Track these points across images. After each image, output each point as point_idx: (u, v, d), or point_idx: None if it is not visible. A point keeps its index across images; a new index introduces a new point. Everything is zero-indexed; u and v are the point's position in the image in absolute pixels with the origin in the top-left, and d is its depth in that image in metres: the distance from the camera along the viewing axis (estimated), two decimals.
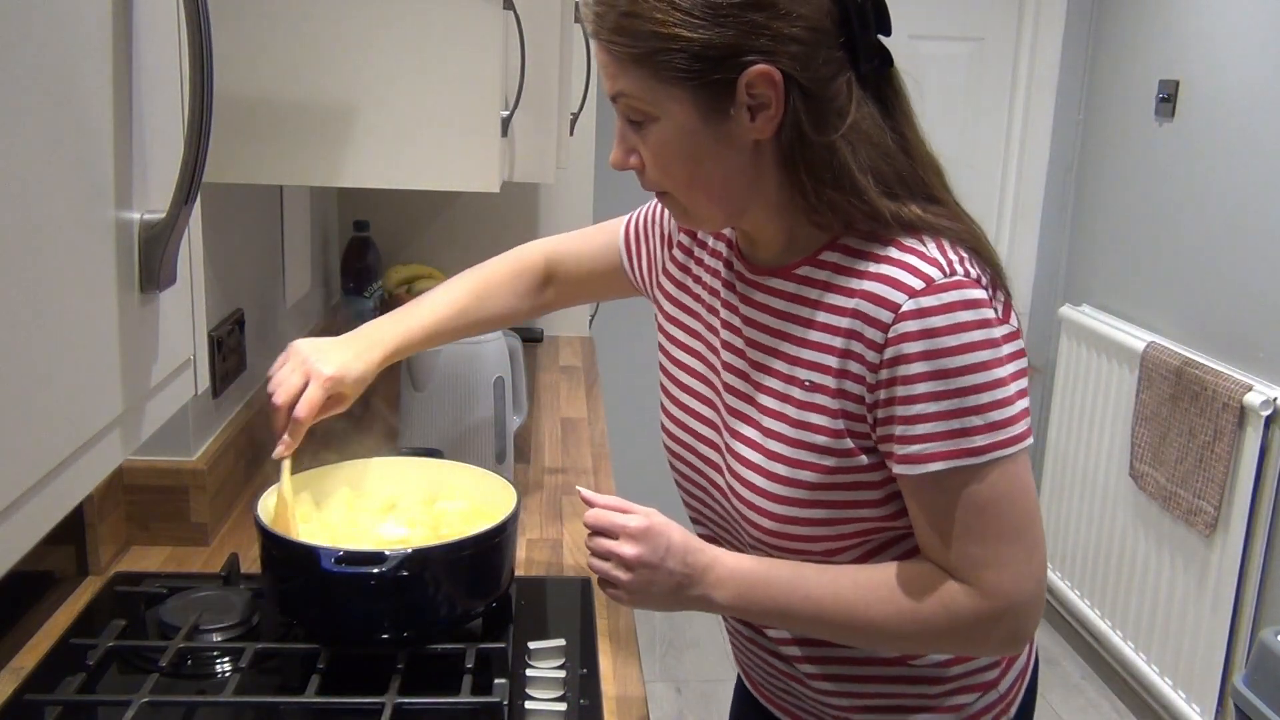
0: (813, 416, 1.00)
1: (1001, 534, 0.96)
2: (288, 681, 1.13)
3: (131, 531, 1.47)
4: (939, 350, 0.93)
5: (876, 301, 0.95)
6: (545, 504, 1.70)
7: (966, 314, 0.93)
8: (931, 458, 0.95)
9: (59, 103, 0.58)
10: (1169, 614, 2.76)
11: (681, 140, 0.97)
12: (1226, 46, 2.71)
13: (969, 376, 0.93)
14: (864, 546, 1.04)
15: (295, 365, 1.23)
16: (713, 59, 0.92)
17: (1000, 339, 0.95)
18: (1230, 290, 2.67)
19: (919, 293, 0.94)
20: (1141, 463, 2.85)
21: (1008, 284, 1.00)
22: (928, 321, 0.93)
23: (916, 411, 0.94)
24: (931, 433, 0.94)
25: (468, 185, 1.41)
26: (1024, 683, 1.18)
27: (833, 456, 1.00)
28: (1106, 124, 3.28)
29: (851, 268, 0.98)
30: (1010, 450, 0.95)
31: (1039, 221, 3.49)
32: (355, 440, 1.42)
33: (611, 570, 1.03)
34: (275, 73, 1.34)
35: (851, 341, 0.97)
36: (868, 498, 1.01)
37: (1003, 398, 0.94)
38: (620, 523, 1.02)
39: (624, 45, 0.95)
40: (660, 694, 3.01)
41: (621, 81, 0.97)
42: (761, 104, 0.94)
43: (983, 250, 0.99)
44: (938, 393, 0.93)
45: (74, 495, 0.63)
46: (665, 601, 1.04)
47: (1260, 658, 2.07)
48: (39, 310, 0.57)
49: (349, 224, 2.44)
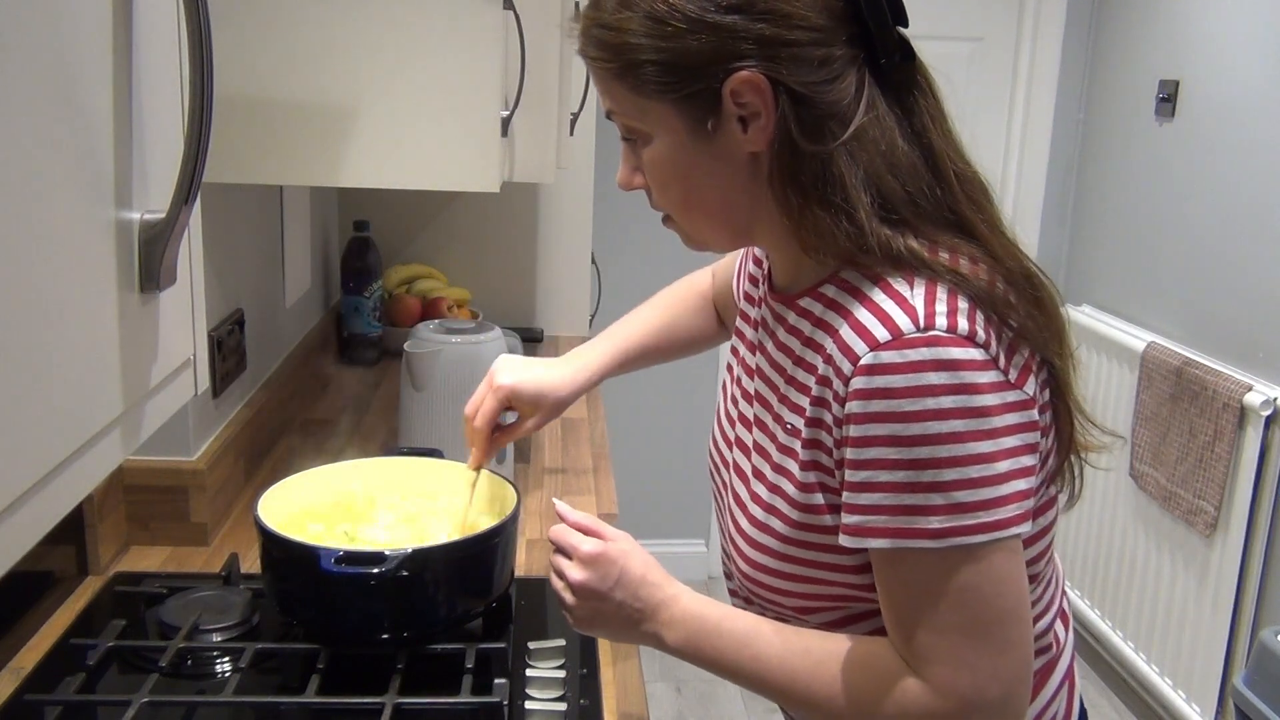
0: (788, 462, 0.92)
1: (963, 628, 0.84)
2: (288, 681, 1.13)
3: (131, 531, 1.47)
4: (895, 414, 0.81)
5: (844, 350, 0.85)
6: (545, 504, 1.70)
7: (936, 376, 0.80)
8: (875, 533, 0.84)
9: (59, 102, 0.58)
10: (1169, 614, 2.76)
11: (674, 156, 0.91)
12: (1226, 46, 2.71)
13: (930, 448, 0.80)
14: (840, 612, 0.95)
15: (487, 377, 1.23)
16: (689, 68, 0.86)
17: (994, 408, 0.81)
18: (1230, 290, 2.67)
19: (882, 345, 0.82)
20: (1141, 463, 2.85)
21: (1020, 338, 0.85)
22: (887, 380, 0.81)
23: (863, 478, 0.83)
24: (878, 505, 0.83)
25: (468, 185, 1.41)
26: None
27: (798, 510, 0.91)
28: (1107, 124, 3.28)
29: (842, 305, 0.88)
30: (981, 538, 0.81)
31: (1039, 221, 3.49)
32: (356, 440, 1.42)
33: (560, 591, 0.99)
34: (275, 73, 1.34)
35: (824, 389, 0.88)
36: (839, 561, 0.91)
37: (979, 476, 0.81)
38: (573, 543, 0.98)
39: (603, 61, 0.90)
40: (660, 694, 3.01)
41: (609, 99, 0.93)
42: (752, 113, 0.87)
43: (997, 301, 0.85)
44: (889, 460, 0.82)
45: (74, 495, 0.63)
46: (615, 633, 0.99)
47: (1260, 658, 2.07)
48: (39, 310, 0.57)
49: (349, 224, 2.44)
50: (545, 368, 1.23)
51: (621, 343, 1.29)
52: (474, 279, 2.64)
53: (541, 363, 1.25)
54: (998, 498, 0.81)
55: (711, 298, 1.33)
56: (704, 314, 1.33)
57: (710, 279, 1.34)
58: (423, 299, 2.49)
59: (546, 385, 1.22)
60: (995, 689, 0.84)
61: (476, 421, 1.21)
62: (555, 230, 2.66)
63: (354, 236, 2.38)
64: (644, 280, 1.87)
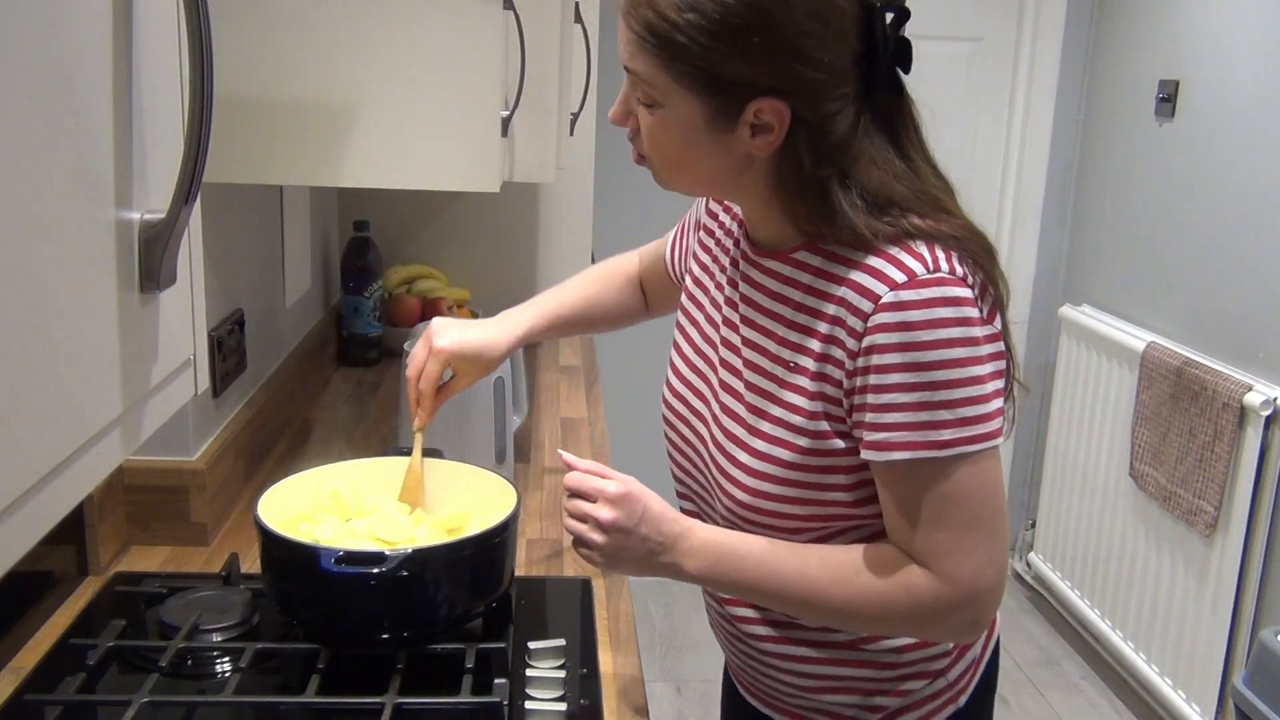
0: (793, 397, 1.04)
1: (966, 524, 0.99)
2: (288, 681, 1.13)
3: (131, 531, 1.47)
4: (914, 344, 0.95)
5: (860, 291, 0.98)
6: (545, 504, 1.70)
7: (945, 310, 0.95)
8: (898, 446, 0.97)
9: (59, 102, 0.58)
10: (1169, 614, 2.76)
11: (680, 132, 0.99)
12: (1226, 46, 2.71)
13: (941, 371, 0.95)
14: (827, 530, 1.07)
15: (422, 341, 1.35)
16: (726, 82, 0.95)
17: (981, 338, 0.97)
18: (1230, 290, 2.67)
19: (900, 286, 0.96)
20: (1141, 463, 2.85)
21: (1004, 293, 1.02)
22: (906, 315, 0.95)
23: (887, 401, 0.97)
24: (899, 422, 0.97)
25: (468, 185, 1.41)
26: (975, 674, 1.20)
27: (806, 437, 1.03)
28: (1106, 124, 3.28)
29: (844, 256, 1.01)
30: (977, 447, 0.97)
31: (1039, 221, 3.49)
32: (356, 440, 1.42)
33: (587, 532, 1.05)
34: (275, 73, 1.34)
35: (835, 328, 1.00)
36: (838, 482, 1.04)
37: (977, 395, 0.96)
38: (599, 486, 1.05)
39: (643, 36, 0.96)
40: (660, 694, 3.01)
41: (638, 63, 0.98)
42: (764, 127, 0.97)
43: (981, 258, 1.00)
44: (909, 384, 0.96)
45: (74, 495, 0.63)
46: (636, 566, 1.07)
47: (1260, 658, 2.07)
48: (39, 310, 0.57)
49: (349, 224, 2.44)
50: (480, 329, 1.37)
51: (550, 308, 1.43)
52: (474, 279, 2.64)
53: (475, 324, 1.38)
54: (988, 413, 0.97)
55: (639, 277, 1.46)
56: (628, 291, 1.46)
57: (637, 261, 1.46)
58: (423, 299, 2.49)
59: (483, 345, 1.35)
60: (990, 573, 1.00)
61: (422, 384, 1.33)
62: (555, 230, 2.65)
63: (354, 236, 2.38)
64: None
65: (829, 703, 1.16)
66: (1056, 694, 3.09)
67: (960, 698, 1.19)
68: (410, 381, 1.34)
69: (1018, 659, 3.26)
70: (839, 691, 1.15)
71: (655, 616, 3.41)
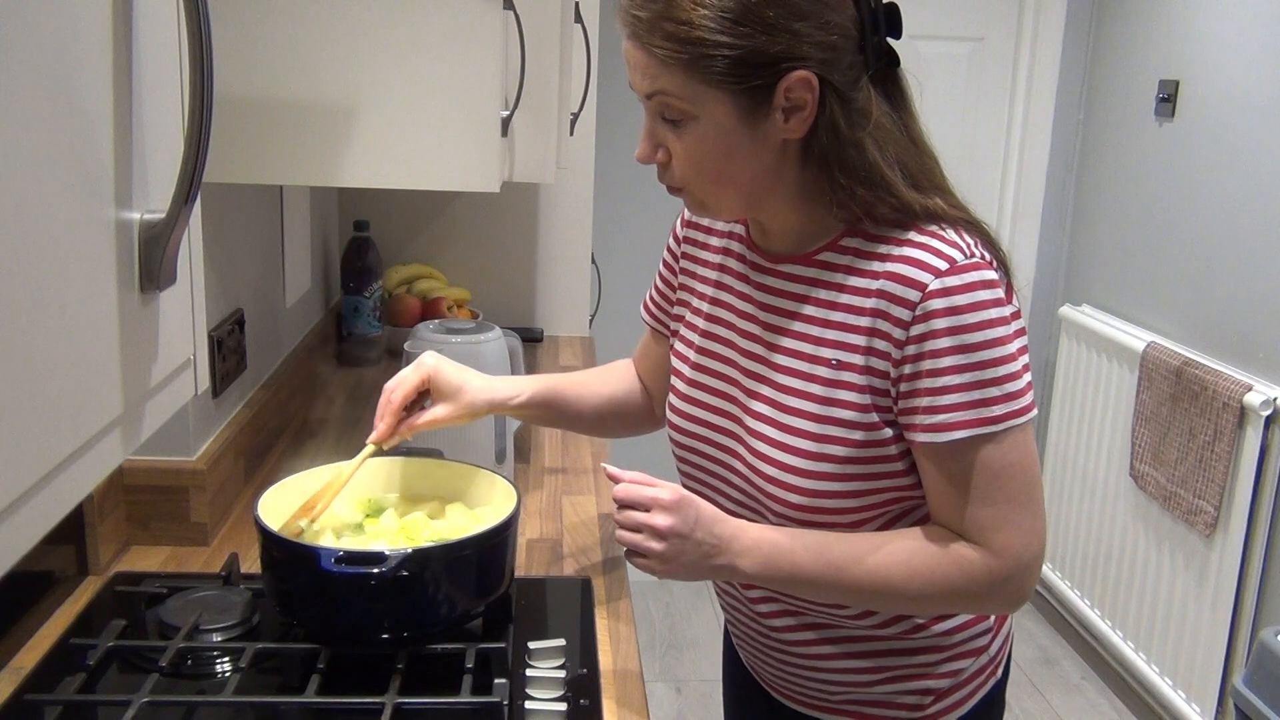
0: (841, 393, 1.06)
1: (1012, 498, 1.03)
2: (288, 681, 1.13)
3: (131, 531, 1.47)
4: (962, 326, 1.00)
5: (903, 282, 1.01)
6: (545, 504, 1.70)
7: (985, 293, 1.00)
8: (955, 426, 1.01)
9: (59, 102, 0.58)
10: (1169, 614, 2.76)
11: (718, 138, 1.02)
12: (1226, 46, 2.71)
13: (988, 351, 1.00)
14: (886, 515, 1.10)
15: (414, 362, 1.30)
16: (757, 65, 0.98)
17: (1010, 317, 1.02)
18: (1230, 290, 2.67)
19: (944, 273, 1.00)
20: (1141, 463, 2.85)
21: (1011, 270, 1.07)
22: (952, 300, 1.00)
23: (943, 384, 1.01)
24: (956, 403, 1.01)
25: (468, 185, 1.41)
26: (1009, 646, 1.27)
27: (860, 430, 1.06)
28: (1106, 124, 3.28)
29: (873, 252, 1.04)
30: (1022, 420, 1.02)
31: (1039, 221, 3.49)
32: (356, 440, 1.42)
33: (644, 542, 1.06)
34: (275, 73, 1.34)
35: (878, 320, 1.03)
36: (891, 469, 1.07)
37: (1016, 371, 1.01)
38: (652, 495, 1.06)
39: (669, 51, 0.98)
40: (660, 694, 3.01)
41: (663, 81, 1.01)
42: (796, 106, 1.00)
43: (991, 239, 1.06)
44: (961, 366, 1.00)
45: (74, 495, 0.63)
46: (692, 571, 1.07)
47: (1260, 658, 2.07)
48: (39, 310, 0.57)
49: (349, 224, 2.44)
50: (474, 372, 1.32)
51: (549, 381, 1.37)
52: (474, 279, 2.64)
53: (471, 370, 1.32)
54: (1024, 387, 1.02)
55: (636, 373, 1.43)
56: (628, 381, 1.42)
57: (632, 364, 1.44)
58: (423, 299, 2.49)
59: (466, 382, 1.29)
60: (1035, 543, 1.05)
61: (394, 394, 1.27)
62: (555, 230, 2.65)
63: (354, 236, 2.38)
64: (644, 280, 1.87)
65: (882, 694, 1.19)
66: (1056, 694, 3.09)
67: (998, 670, 1.25)
68: (384, 391, 1.28)
69: (1018, 659, 3.26)
70: (891, 681, 1.18)
71: (655, 616, 3.41)
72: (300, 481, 1.28)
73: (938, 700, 1.19)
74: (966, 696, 1.21)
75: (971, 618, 1.18)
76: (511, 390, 1.32)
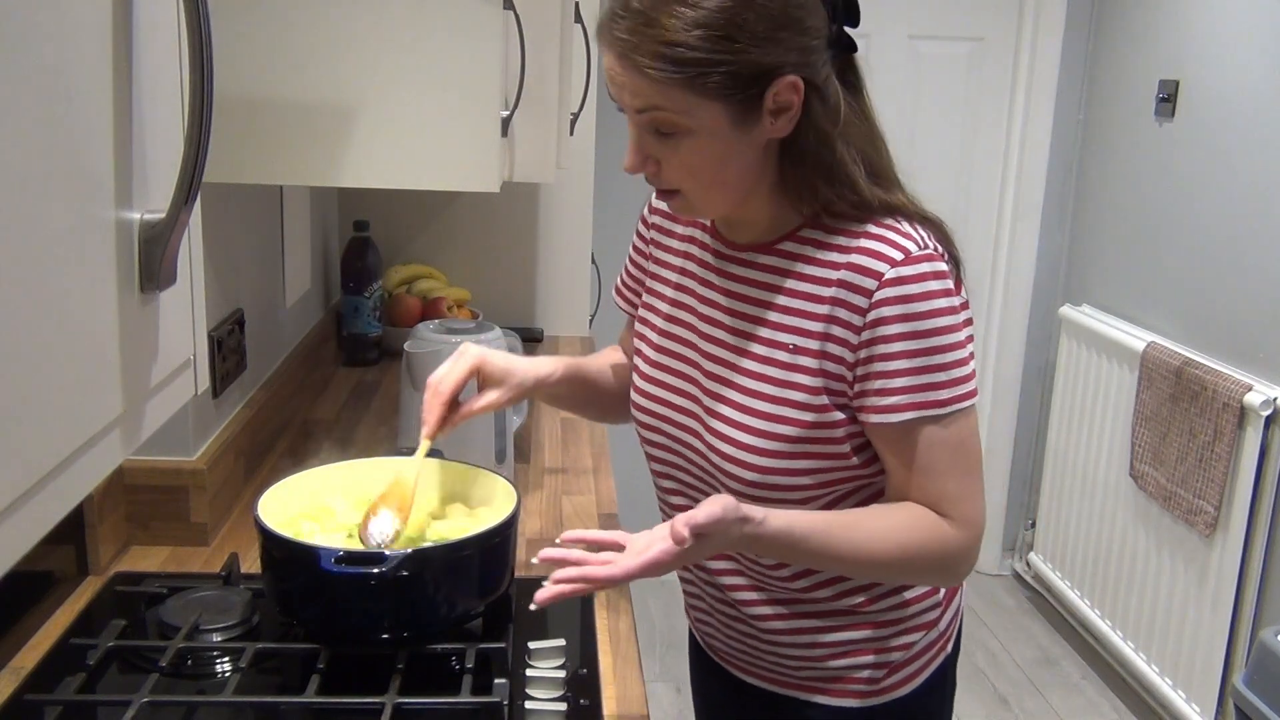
0: (796, 376, 1.11)
1: (968, 471, 1.10)
2: (288, 681, 1.13)
3: (131, 531, 1.47)
4: (913, 314, 1.05)
5: (861, 272, 1.07)
6: (545, 504, 1.70)
7: (935, 283, 1.06)
8: (903, 408, 1.07)
9: (59, 103, 0.58)
10: (1169, 614, 2.76)
11: (713, 147, 1.05)
12: (1226, 46, 2.71)
13: (936, 338, 1.06)
14: (834, 493, 1.15)
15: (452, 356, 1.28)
16: (750, 76, 1.01)
17: (958, 307, 1.08)
18: (1230, 290, 2.67)
19: (899, 263, 1.05)
20: (1141, 463, 2.85)
21: (962, 264, 1.13)
22: (905, 289, 1.05)
23: (894, 368, 1.06)
24: (904, 386, 1.06)
25: (468, 185, 1.41)
26: (958, 621, 1.31)
27: (811, 412, 1.10)
28: (1106, 124, 3.28)
29: (832, 243, 1.10)
30: (967, 403, 1.09)
31: (1039, 221, 3.49)
32: (356, 440, 1.42)
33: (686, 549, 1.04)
34: (275, 73, 1.34)
35: (836, 309, 1.08)
36: (838, 450, 1.12)
37: (963, 357, 1.07)
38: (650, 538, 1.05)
39: (664, 71, 1.00)
40: (660, 694, 3.01)
41: (657, 99, 1.03)
42: (783, 107, 1.04)
43: (945, 233, 1.12)
44: (910, 351, 1.06)
45: (74, 495, 0.63)
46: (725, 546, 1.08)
47: (1260, 658, 2.07)
48: (39, 310, 0.57)
49: (349, 224, 2.44)
50: (512, 355, 1.32)
51: (568, 359, 1.36)
52: (474, 279, 2.64)
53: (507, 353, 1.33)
54: (970, 373, 1.08)
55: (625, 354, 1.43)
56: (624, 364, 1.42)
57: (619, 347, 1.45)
58: (423, 299, 2.49)
59: (513, 364, 1.28)
60: (985, 511, 1.13)
61: (441, 386, 1.24)
62: (555, 230, 2.65)
63: (354, 236, 2.38)
64: None
65: (838, 668, 1.22)
66: (1056, 694, 3.09)
67: (948, 645, 1.28)
68: (429, 386, 1.25)
69: (1018, 659, 3.26)
70: (847, 655, 1.22)
71: (655, 616, 3.41)
72: (300, 481, 1.28)
73: (890, 674, 1.22)
74: (919, 670, 1.24)
75: (923, 591, 1.22)
76: (549, 367, 1.31)
